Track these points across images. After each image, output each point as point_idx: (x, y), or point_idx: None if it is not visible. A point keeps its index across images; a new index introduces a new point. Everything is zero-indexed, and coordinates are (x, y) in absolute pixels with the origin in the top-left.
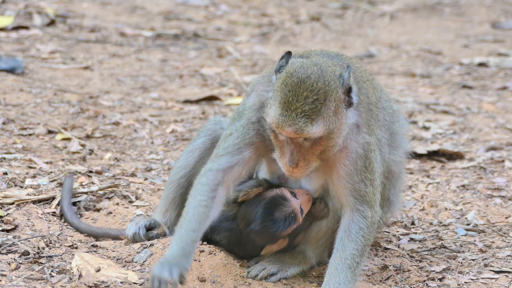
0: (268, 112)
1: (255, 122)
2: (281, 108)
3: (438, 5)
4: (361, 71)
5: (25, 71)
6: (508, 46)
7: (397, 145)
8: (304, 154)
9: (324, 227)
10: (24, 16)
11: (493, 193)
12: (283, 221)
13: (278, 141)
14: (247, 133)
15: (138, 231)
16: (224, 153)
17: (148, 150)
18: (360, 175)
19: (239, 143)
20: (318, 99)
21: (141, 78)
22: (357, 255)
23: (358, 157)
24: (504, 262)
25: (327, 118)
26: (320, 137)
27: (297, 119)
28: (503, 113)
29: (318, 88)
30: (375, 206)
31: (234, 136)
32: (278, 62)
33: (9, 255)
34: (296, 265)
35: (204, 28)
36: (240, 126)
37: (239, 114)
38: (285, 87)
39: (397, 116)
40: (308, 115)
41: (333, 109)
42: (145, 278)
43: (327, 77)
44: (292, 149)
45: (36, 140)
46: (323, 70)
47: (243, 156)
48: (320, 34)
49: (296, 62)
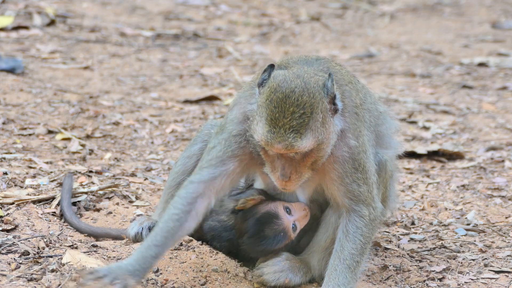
0: (255, 129)
1: (237, 135)
2: (269, 125)
3: (438, 5)
4: (342, 74)
5: (25, 71)
6: (508, 46)
7: (387, 146)
8: (295, 167)
9: (332, 234)
10: (24, 16)
11: (493, 193)
12: (272, 238)
13: (268, 156)
14: (229, 145)
15: (141, 231)
16: (207, 165)
17: (148, 150)
18: (351, 177)
19: (221, 156)
20: (305, 113)
21: (141, 78)
22: (357, 254)
23: (345, 161)
24: (504, 262)
25: (315, 130)
26: (310, 149)
27: (286, 135)
28: (503, 113)
29: (304, 102)
30: (373, 203)
31: (217, 149)
32: (261, 75)
33: (9, 255)
34: (299, 278)
35: (204, 28)
36: (222, 140)
37: (221, 127)
38: (270, 103)
39: (383, 118)
40: (297, 130)
41: (321, 120)
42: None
43: (311, 89)
44: (283, 163)
45: (36, 140)
46: (306, 82)
47: (226, 168)
48: (320, 34)
49: (279, 76)
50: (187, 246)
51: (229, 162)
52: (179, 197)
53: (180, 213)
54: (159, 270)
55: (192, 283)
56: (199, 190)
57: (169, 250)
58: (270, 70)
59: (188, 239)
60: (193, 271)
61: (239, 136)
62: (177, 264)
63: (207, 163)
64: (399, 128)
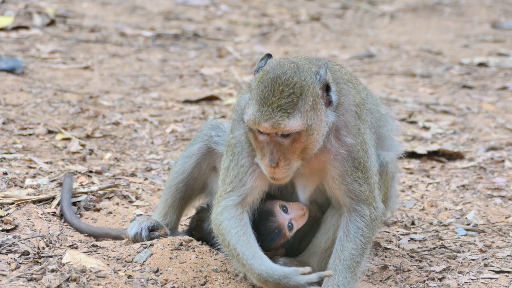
0: (245, 112)
1: (236, 144)
2: (258, 105)
3: (438, 5)
4: (342, 73)
5: (25, 71)
6: (508, 46)
7: (388, 148)
8: (284, 152)
9: (332, 235)
10: (24, 16)
11: (493, 193)
12: (266, 235)
13: (258, 142)
14: (238, 159)
15: (141, 231)
16: (232, 188)
17: (148, 150)
18: (352, 176)
19: (238, 174)
20: (294, 93)
21: (141, 78)
22: (357, 254)
23: (344, 159)
24: (504, 262)
25: (304, 112)
26: (298, 132)
27: (273, 113)
28: (503, 113)
29: (294, 82)
30: (374, 202)
31: (231, 167)
32: (258, 63)
33: (9, 255)
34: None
35: (204, 28)
36: (231, 155)
37: (227, 143)
38: (261, 84)
39: (385, 120)
40: (285, 109)
41: (311, 103)
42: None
43: (303, 72)
44: (271, 148)
45: (36, 140)
46: (299, 66)
47: (248, 186)
48: (320, 34)
49: (273, 61)
50: (187, 246)
51: (246, 179)
52: (227, 220)
53: (242, 228)
54: (159, 270)
55: (192, 283)
56: (239, 209)
57: (170, 250)
58: (267, 58)
59: (188, 239)
60: (193, 271)
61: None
62: (177, 264)
63: (231, 186)
64: (399, 130)
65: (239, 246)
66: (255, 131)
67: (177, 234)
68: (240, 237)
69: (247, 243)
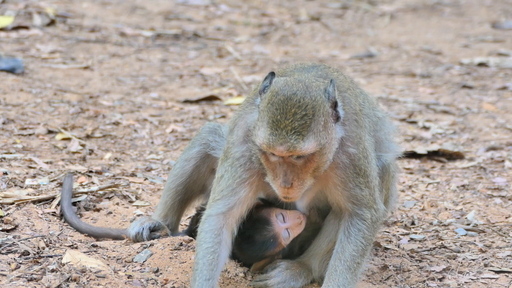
0: (256, 134)
1: (240, 157)
2: (270, 128)
3: (438, 5)
4: (341, 80)
5: (25, 71)
6: (508, 46)
7: (386, 150)
8: (297, 173)
9: (334, 238)
10: (24, 16)
11: (493, 193)
12: (261, 244)
13: (269, 163)
14: (235, 171)
15: (142, 231)
16: (220, 197)
17: (148, 150)
18: (353, 181)
19: (231, 184)
20: (307, 115)
21: (141, 78)
22: (357, 256)
23: (346, 167)
24: (504, 262)
25: (317, 133)
26: (312, 153)
27: (288, 136)
28: (503, 113)
29: (306, 103)
30: (375, 205)
31: (225, 177)
32: (262, 82)
33: (9, 255)
34: (301, 282)
35: (204, 28)
36: (228, 166)
37: (225, 153)
38: (272, 106)
39: (381, 123)
40: (299, 132)
41: (323, 123)
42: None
43: (313, 92)
44: (285, 169)
45: (36, 140)
46: (308, 85)
47: (239, 196)
48: (320, 34)
49: (280, 81)
50: (187, 246)
51: (240, 189)
52: (204, 232)
53: (214, 245)
54: (159, 270)
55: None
56: (220, 222)
57: (170, 250)
58: (271, 77)
59: (188, 239)
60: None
61: (242, 158)
62: (177, 264)
63: (220, 195)
64: (398, 131)
65: (201, 263)
66: (267, 154)
67: (177, 234)
68: (207, 255)
69: (210, 263)
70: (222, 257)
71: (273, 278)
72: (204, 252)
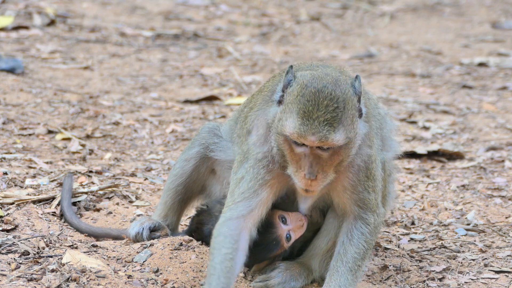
0: (285, 125)
1: (263, 159)
2: (302, 118)
3: (438, 5)
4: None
5: (25, 71)
6: (508, 46)
7: (387, 148)
8: (322, 165)
9: (333, 237)
10: (24, 16)
11: (493, 193)
12: (263, 246)
13: (294, 154)
14: (258, 173)
15: (142, 231)
16: (241, 199)
17: (148, 150)
18: (363, 185)
19: (253, 186)
20: (338, 107)
21: (141, 78)
22: (359, 258)
23: (360, 170)
24: (504, 262)
25: (347, 126)
26: (340, 146)
27: (320, 127)
28: (503, 113)
29: (337, 96)
30: (378, 209)
31: (246, 179)
32: (285, 77)
33: (9, 255)
34: (301, 282)
35: (204, 28)
36: (250, 167)
37: (244, 154)
38: (303, 98)
39: (384, 121)
40: (331, 123)
41: (351, 117)
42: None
43: (342, 86)
44: (311, 160)
45: (36, 140)
46: (336, 79)
47: (261, 198)
48: (320, 34)
49: (307, 75)
50: (187, 246)
51: (262, 191)
52: (224, 236)
53: (232, 251)
54: (159, 270)
55: (192, 283)
56: (240, 225)
57: (170, 250)
58: (292, 70)
59: (188, 239)
60: (193, 271)
61: (265, 159)
62: (177, 264)
63: (241, 197)
64: (397, 129)
65: (219, 269)
66: (292, 144)
67: (177, 234)
68: (225, 261)
69: (228, 271)
70: (239, 264)
71: (273, 278)
72: (223, 258)
